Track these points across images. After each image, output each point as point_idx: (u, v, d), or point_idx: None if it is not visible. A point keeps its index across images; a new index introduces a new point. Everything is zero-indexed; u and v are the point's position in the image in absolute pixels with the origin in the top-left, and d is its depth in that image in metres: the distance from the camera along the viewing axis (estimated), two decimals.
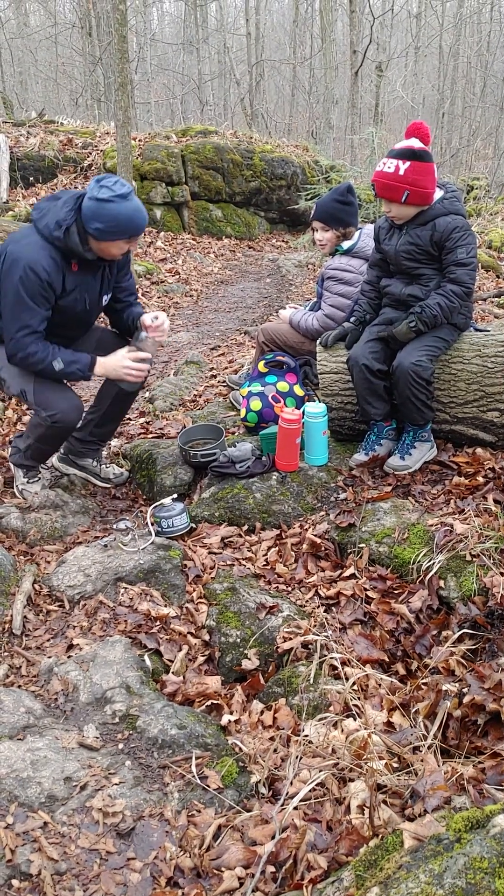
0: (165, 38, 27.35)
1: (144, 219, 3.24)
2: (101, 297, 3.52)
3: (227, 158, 11.22)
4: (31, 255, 3.15)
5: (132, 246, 3.34)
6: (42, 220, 3.20)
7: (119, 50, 8.10)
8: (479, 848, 1.44)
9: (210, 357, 6.18)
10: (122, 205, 3.11)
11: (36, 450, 3.62)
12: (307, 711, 2.36)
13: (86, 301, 3.40)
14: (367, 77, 18.12)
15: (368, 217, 9.01)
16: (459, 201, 3.33)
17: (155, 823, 1.99)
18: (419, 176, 3.19)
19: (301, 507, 3.43)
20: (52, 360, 3.25)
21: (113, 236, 3.16)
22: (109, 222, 3.11)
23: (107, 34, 17.58)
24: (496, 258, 8.97)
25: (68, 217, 3.14)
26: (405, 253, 3.34)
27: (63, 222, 3.14)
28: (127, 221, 3.14)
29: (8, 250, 3.21)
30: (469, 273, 3.25)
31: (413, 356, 3.24)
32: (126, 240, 3.23)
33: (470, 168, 21.28)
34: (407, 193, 3.21)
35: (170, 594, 3.00)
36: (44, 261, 3.15)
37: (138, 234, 3.27)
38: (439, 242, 3.26)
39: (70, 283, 3.27)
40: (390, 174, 3.22)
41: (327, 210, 4.07)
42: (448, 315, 3.28)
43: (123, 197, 3.11)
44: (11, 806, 1.97)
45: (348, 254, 4.10)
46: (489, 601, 2.60)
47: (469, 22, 24.64)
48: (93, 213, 3.11)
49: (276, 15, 28.29)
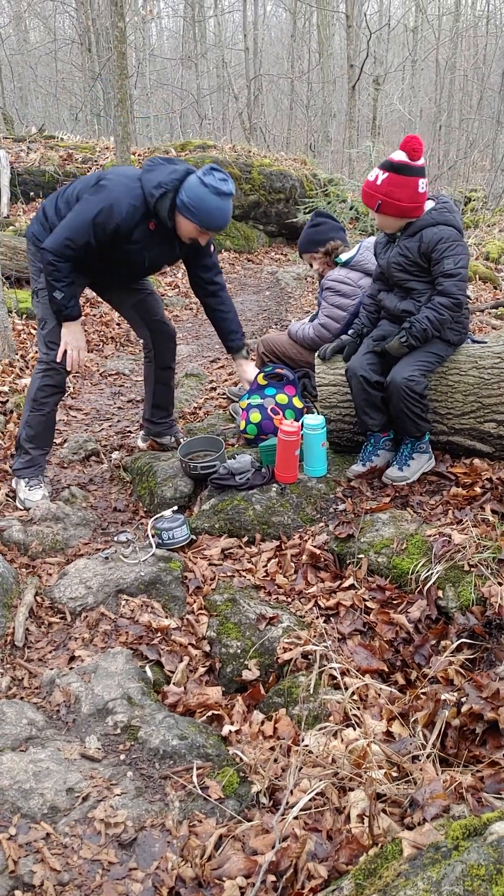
0: (164, 53, 27.58)
1: (224, 220, 3.46)
2: (167, 263, 3.84)
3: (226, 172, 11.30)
4: (120, 195, 3.35)
5: (202, 238, 3.53)
6: (150, 173, 3.41)
7: (118, 66, 8.19)
8: (477, 855, 1.46)
9: (210, 369, 6.22)
10: (217, 199, 3.35)
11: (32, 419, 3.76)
12: (307, 721, 2.37)
13: (145, 259, 3.62)
14: (365, 91, 18.26)
15: (366, 230, 9.08)
16: (451, 212, 3.34)
17: (157, 834, 2.00)
18: (393, 188, 3.25)
19: (300, 518, 3.45)
20: (61, 285, 3.45)
21: (190, 215, 3.37)
22: (196, 202, 3.34)
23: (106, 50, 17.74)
24: (493, 269, 9.02)
25: (170, 184, 3.36)
26: (396, 265, 3.39)
27: (164, 185, 3.35)
28: (207, 211, 3.36)
29: (108, 177, 3.43)
30: (457, 284, 3.26)
31: (405, 371, 3.28)
32: (198, 226, 3.42)
33: (467, 180, 21.38)
34: (379, 203, 3.30)
35: (170, 606, 3.02)
36: (126, 207, 3.35)
37: (210, 229, 3.47)
38: (427, 254, 3.29)
39: (138, 236, 3.46)
40: (370, 182, 3.33)
41: (305, 241, 4.36)
42: (439, 327, 3.30)
43: (221, 194, 3.35)
44: (14, 817, 1.99)
45: (347, 266, 4.16)
46: (487, 611, 2.62)
47: (465, 35, 24.86)
48: (191, 189, 3.34)
49: (273, 30, 28.52)
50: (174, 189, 3.36)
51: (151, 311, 4.06)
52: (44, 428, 3.82)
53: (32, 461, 3.81)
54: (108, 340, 6.99)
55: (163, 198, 3.35)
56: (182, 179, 3.38)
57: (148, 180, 3.37)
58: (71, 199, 3.51)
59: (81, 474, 4.31)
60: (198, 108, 20.37)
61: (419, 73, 23.70)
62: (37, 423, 3.78)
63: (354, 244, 4.33)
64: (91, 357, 6.40)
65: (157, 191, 3.34)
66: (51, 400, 3.78)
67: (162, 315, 4.11)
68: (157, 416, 4.36)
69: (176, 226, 3.46)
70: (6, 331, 5.60)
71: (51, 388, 3.75)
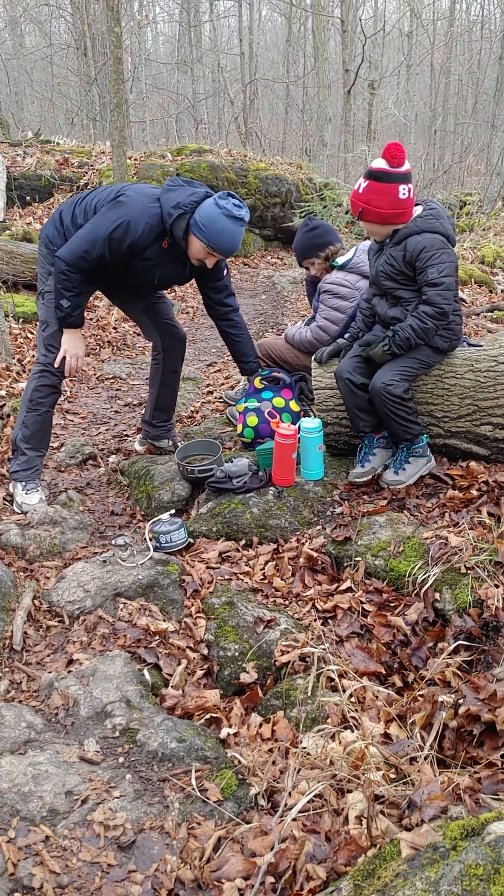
0: (160, 57, 27.62)
1: (232, 244, 3.51)
2: (176, 282, 3.89)
3: (222, 177, 11.32)
4: (138, 213, 3.40)
5: (209, 260, 3.58)
6: (170, 192, 3.48)
7: (115, 71, 8.20)
8: (475, 855, 1.47)
9: (206, 373, 6.23)
10: (228, 222, 3.42)
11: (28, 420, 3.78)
12: (305, 724, 2.38)
13: (156, 275, 3.68)
14: (360, 95, 18.32)
15: (362, 235, 9.11)
16: (437, 219, 3.30)
17: (156, 836, 2.01)
18: (373, 195, 3.26)
19: (298, 521, 3.46)
20: (69, 294, 3.50)
21: (200, 234, 3.43)
22: (207, 223, 3.41)
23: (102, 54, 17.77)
24: (489, 273, 9.04)
25: (188, 206, 3.42)
26: (384, 273, 3.40)
27: (182, 206, 3.41)
28: (217, 233, 3.42)
29: (127, 193, 3.47)
30: (441, 293, 3.23)
31: (385, 377, 3.31)
32: (208, 248, 3.48)
33: (462, 184, 21.43)
34: (361, 210, 3.32)
35: (168, 609, 3.03)
36: (143, 226, 3.40)
37: (217, 251, 3.51)
38: (411, 262, 3.29)
39: (151, 253, 3.52)
40: (354, 192, 3.36)
41: (303, 246, 4.34)
42: (423, 336, 3.30)
43: (235, 218, 3.42)
44: (13, 820, 1.99)
45: (344, 269, 4.18)
46: (484, 613, 2.64)
47: (460, 40, 24.94)
48: (205, 210, 3.42)
49: (269, 34, 28.60)
50: (191, 211, 3.42)
51: (161, 314, 4.10)
52: (40, 428, 3.83)
53: (29, 463, 3.82)
54: (105, 344, 7.00)
55: (180, 218, 3.41)
56: (200, 202, 3.45)
57: (167, 200, 3.43)
58: (89, 209, 3.57)
59: (78, 478, 4.32)
60: (193, 113, 20.41)
61: (414, 78, 23.77)
62: (33, 423, 3.79)
63: (350, 247, 4.35)
64: (88, 361, 6.40)
65: (175, 211, 3.40)
66: (47, 401, 3.80)
67: (173, 318, 4.15)
68: (158, 418, 4.38)
69: (188, 246, 3.52)
70: (3, 334, 5.61)
71: (47, 388, 3.78)
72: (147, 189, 3.58)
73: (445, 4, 25.08)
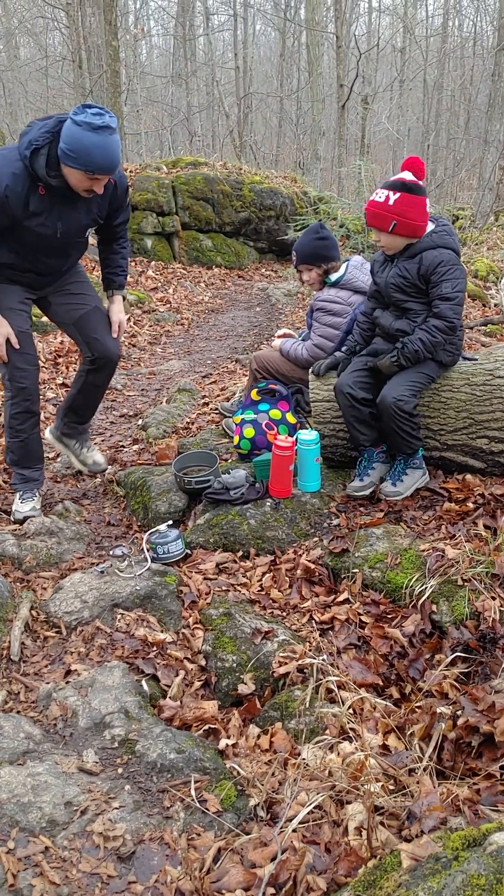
0: (154, 70, 27.77)
1: (109, 159, 3.11)
2: (82, 229, 3.51)
3: (217, 189, 11.38)
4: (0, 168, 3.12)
5: (95, 185, 3.22)
6: (25, 136, 3.16)
7: (111, 84, 8.27)
8: (477, 865, 1.48)
9: (202, 385, 6.24)
10: (92, 135, 3.02)
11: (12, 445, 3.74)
12: (304, 735, 2.39)
13: (57, 228, 3.37)
14: (354, 109, 18.46)
15: (356, 248, 9.16)
16: (451, 235, 3.38)
17: (155, 847, 2.01)
18: (407, 207, 3.27)
19: (295, 533, 3.48)
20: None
21: (72, 162, 3.08)
22: (72, 146, 3.04)
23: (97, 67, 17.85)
24: (482, 287, 9.11)
25: (41, 138, 3.09)
26: (394, 285, 3.41)
27: (34, 142, 3.09)
28: (86, 153, 3.04)
29: None
30: (453, 308, 3.29)
31: (395, 391, 3.31)
32: (85, 173, 3.12)
33: (455, 199, 21.62)
34: (394, 224, 3.29)
35: (166, 620, 3.03)
36: (6, 177, 3.12)
37: (97, 172, 3.13)
38: (426, 276, 3.32)
39: (35, 205, 3.24)
40: (380, 203, 3.31)
41: (308, 251, 4.22)
42: (431, 350, 3.33)
43: (98, 129, 3.02)
44: (13, 831, 1.99)
45: (336, 286, 4.19)
46: (481, 625, 2.65)
47: (453, 56, 25.20)
48: (65, 133, 3.05)
49: (263, 49, 28.83)
50: (47, 143, 3.09)
51: (91, 329, 3.79)
52: (27, 451, 3.80)
53: (25, 477, 3.83)
54: None
55: (35, 154, 3.10)
56: (55, 130, 3.10)
57: (21, 143, 3.13)
58: None
59: (75, 488, 4.32)
60: (188, 126, 20.54)
61: (407, 93, 24.02)
62: (18, 448, 3.77)
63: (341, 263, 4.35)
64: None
65: (27, 150, 3.09)
66: (26, 425, 3.71)
67: (104, 334, 3.83)
68: (70, 417, 4.13)
69: (67, 180, 3.19)
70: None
71: (22, 414, 3.67)
72: (11, 145, 3.27)
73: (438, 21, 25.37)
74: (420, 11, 25.66)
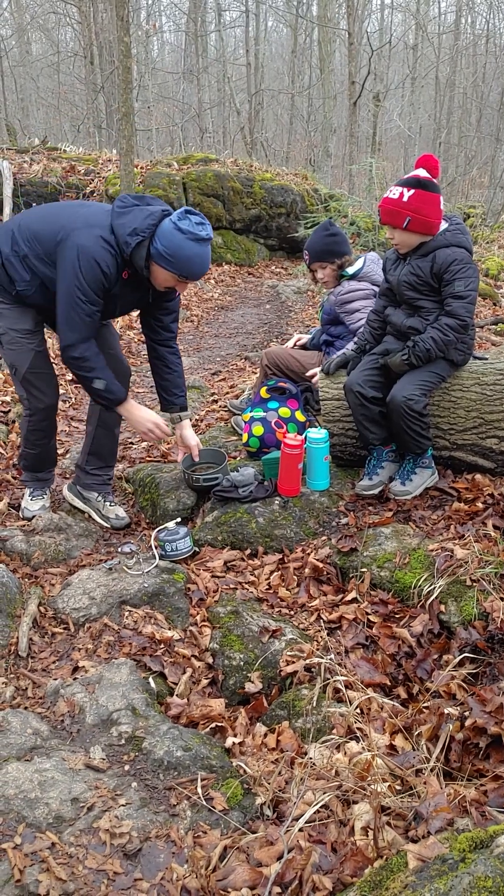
0: (166, 66, 27.79)
1: (203, 268, 3.21)
2: (130, 309, 3.57)
3: (228, 186, 11.37)
4: (96, 247, 3.06)
5: (180, 287, 3.30)
6: (121, 217, 3.12)
7: (123, 80, 8.25)
8: (484, 867, 1.47)
9: (211, 382, 6.25)
10: (195, 246, 3.09)
11: (27, 454, 3.72)
12: (311, 734, 2.38)
13: (116, 308, 3.40)
14: (365, 107, 18.41)
15: (367, 245, 9.14)
16: (464, 234, 3.36)
17: (161, 844, 2.01)
18: (421, 204, 3.26)
19: (303, 531, 3.47)
20: (95, 373, 3.25)
21: (167, 265, 3.12)
22: (173, 251, 3.08)
23: (109, 63, 17.87)
24: (493, 286, 9.08)
25: (146, 230, 3.09)
26: (407, 283, 3.40)
27: (140, 232, 3.08)
28: (187, 260, 3.10)
29: (72, 235, 3.09)
30: (465, 306, 3.28)
31: (406, 390, 3.30)
32: (176, 277, 3.18)
33: (466, 197, 21.57)
34: (408, 220, 3.28)
35: (174, 617, 3.04)
36: (108, 258, 3.09)
37: (190, 279, 3.24)
38: (439, 274, 3.31)
39: (116, 288, 3.23)
40: (394, 200, 3.30)
41: (320, 248, 4.21)
42: (443, 348, 3.32)
43: (200, 240, 3.09)
44: (20, 826, 1.99)
45: (355, 279, 4.17)
46: (489, 626, 2.64)
47: (465, 54, 25.10)
48: (164, 233, 3.08)
49: (275, 45, 28.77)
50: (150, 236, 3.10)
51: (106, 345, 3.59)
52: (41, 460, 3.79)
53: (37, 478, 3.82)
54: None
55: (139, 247, 3.09)
56: (157, 223, 3.11)
57: (121, 226, 3.10)
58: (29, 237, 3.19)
59: None
60: (199, 122, 20.52)
61: (419, 91, 23.93)
62: (33, 458, 3.75)
63: (356, 259, 4.34)
64: None
65: (132, 239, 3.08)
66: (43, 441, 3.68)
67: (116, 349, 3.72)
68: (93, 464, 3.84)
69: (151, 275, 3.22)
70: None
71: (40, 432, 3.64)
72: (88, 213, 3.21)
73: (451, 18, 25.25)
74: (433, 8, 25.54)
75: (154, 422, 3.47)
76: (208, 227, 3.13)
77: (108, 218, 3.15)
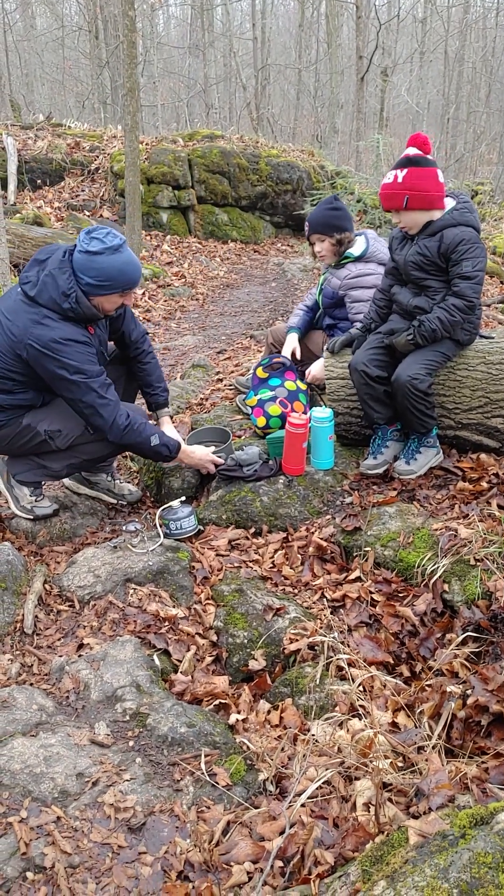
0: (171, 41, 27.47)
1: (137, 271, 3.14)
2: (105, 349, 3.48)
3: (234, 163, 11.28)
4: (60, 330, 3.01)
5: (127, 300, 3.25)
6: (42, 294, 3.03)
7: (128, 55, 8.17)
8: (484, 843, 1.48)
9: (216, 361, 6.23)
10: (116, 257, 3.02)
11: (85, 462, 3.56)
12: (314, 711, 2.40)
13: (104, 356, 3.41)
14: (373, 82, 18.20)
15: (373, 223, 9.07)
16: (471, 212, 3.33)
17: (165, 819, 2.04)
18: (417, 180, 3.24)
19: (307, 510, 3.48)
20: (150, 432, 3.33)
21: (105, 290, 3.07)
22: (100, 276, 3.02)
23: (114, 38, 17.68)
24: (500, 264, 9.02)
25: (70, 284, 3.01)
26: (413, 263, 3.38)
27: (69, 291, 3.01)
28: (118, 275, 3.04)
29: (29, 342, 3.01)
30: (473, 287, 3.25)
31: (411, 369, 3.29)
32: (119, 293, 3.13)
33: (474, 173, 21.35)
34: (407, 198, 3.26)
35: (178, 595, 3.05)
36: (72, 329, 3.05)
37: (131, 288, 3.18)
38: (446, 254, 3.28)
39: (94, 341, 3.22)
40: (390, 184, 3.30)
41: (321, 220, 4.12)
42: (449, 328, 3.30)
43: (115, 249, 3.02)
44: (25, 800, 2.02)
45: (361, 260, 4.12)
46: (493, 605, 2.65)
47: (474, 28, 24.74)
48: (83, 267, 3.01)
49: (281, 19, 28.42)
50: (77, 284, 3.03)
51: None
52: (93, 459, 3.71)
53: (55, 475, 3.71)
54: None
55: (78, 302, 3.03)
56: (72, 269, 3.04)
57: (50, 300, 3.02)
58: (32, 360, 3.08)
59: None
60: (205, 98, 20.33)
61: (427, 65, 23.63)
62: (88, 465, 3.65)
63: (356, 236, 4.26)
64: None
65: (67, 302, 3.02)
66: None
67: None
68: None
69: (100, 309, 3.17)
70: None
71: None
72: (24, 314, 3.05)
73: None
74: None
75: (210, 458, 3.65)
76: (115, 234, 3.06)
77: (33, 305, 3.05)
